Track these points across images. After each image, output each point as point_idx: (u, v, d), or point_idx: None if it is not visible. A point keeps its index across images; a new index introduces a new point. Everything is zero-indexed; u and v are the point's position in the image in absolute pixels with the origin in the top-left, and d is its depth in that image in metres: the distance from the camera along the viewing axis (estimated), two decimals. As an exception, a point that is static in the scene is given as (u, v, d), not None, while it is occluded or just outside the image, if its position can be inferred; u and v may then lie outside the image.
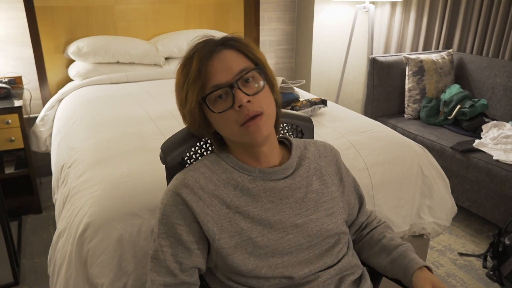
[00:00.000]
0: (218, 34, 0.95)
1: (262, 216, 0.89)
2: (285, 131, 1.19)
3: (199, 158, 1.06)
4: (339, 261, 0.96)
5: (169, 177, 1.04)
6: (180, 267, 0.87)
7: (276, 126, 0.97)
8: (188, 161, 1.05)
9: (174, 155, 1.02)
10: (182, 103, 0.91)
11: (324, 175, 1.00)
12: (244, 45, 0.91)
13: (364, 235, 1.10)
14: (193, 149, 1.06)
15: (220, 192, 0.89)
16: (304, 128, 1.21)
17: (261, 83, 0.89)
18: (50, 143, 2.52)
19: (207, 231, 0.87)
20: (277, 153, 0.97)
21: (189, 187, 0.88)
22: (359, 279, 0.99)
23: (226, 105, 0.86)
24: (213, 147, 1.09)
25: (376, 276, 1.13)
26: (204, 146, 1.08)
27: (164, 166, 1.05)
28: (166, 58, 3.05)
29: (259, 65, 0.91)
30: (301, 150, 1.01)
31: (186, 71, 0.89)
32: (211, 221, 0.87)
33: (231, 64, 0.87)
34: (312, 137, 1.23)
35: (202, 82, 0.87)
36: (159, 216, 0.89)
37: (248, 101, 0.85)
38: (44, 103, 2.78)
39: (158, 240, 0.88)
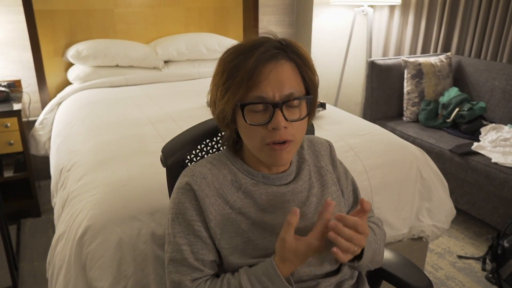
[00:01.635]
0: (277, 36, 0.90)
1: (264, 219, 0.89)
2: None
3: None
4: (339, 268, 0.96)
5: (170, 180, 1.04)
6: (203, 263, 0.87)
7: None
8: (189, 163, 1.05)
9: (175, 158, 1.02)
10: (219, 95, 0.86)
11: (323, 176, 1.00)
12: (304, 63, 0.86)
13: None
14: (194, 151, 1.06)
15: (225, 192, 0.89)
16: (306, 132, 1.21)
17: (305, 112, 0.86)
18: (49, 147, 2.52)
19: (211, 229, 0.87)
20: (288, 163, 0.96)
21: (197, 184, 0.87)
22: (357, 283, 0.99)
23: (261, 120, 0.82)
24: (214, 150, 1.08)
25: (376, 279, 1.13)
26: (205, 149, 1.08)
27: (164, 169, 1.05)
28: (165, 62, 3.06)
29: (310, 94, 0.87)
30: (298, 151, 1.01)
31: (236, 66, 0.82)
32: (213, 220, 0.87)
33: (284, 81, 0.82)
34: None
35: (249, 87, 0.81)
36: (172, 216, 0.88)
37: (285, 127, 0.82)
38: (43, 107, 2.79)
39: (174, 240, 0.87)
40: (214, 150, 1.10)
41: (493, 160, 2.21)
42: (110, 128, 1.94)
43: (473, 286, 1.98)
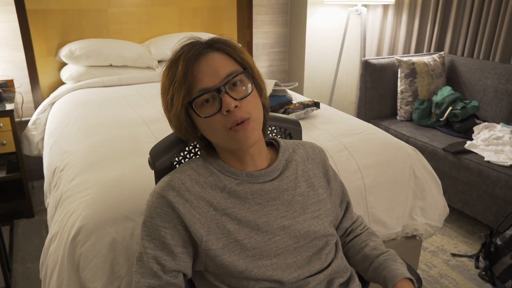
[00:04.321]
0: (206, 36, 0.94)
1: (249, 218, 0.89)
2: (274, 134, 1.19)
3: None
4: (328, 265, 0.96)
5: None
6: (162, 269, 0.86)
7: (264, 129, 0.96)
8: (177, 165, 1.04)
9: (163, 160, 1.01)
10: (168, 106, 0.89)
11: (311, 178, 1.00)
12: (232, 48, 0.89)
13: (347, 242, 1.10)
14: (181, 153, 1.05)
15: (207, 194, 0.89)
16: (293, 131, 1.21)
17: (249, 87, 0.88)
18: (42, 147, 2.50)
19: (194, 233, 0.86)
20: (265, 156, 0.96)
21: (175, 189, 0.87)
22: (347, 281, 1.00)
23: (213, 110, 0.85)
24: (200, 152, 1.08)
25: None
26: (193, 150, 1.07)
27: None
28: (159, 61, 3.05)
29: (247, 69, 0.89)
30: (289, 153, 1.01)
31: (171, 74, 0.87)
32: (198, 223, 0.86)
33: (218, 67, 0.85)
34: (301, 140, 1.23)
35: (188, 85, 0.85)
36: (144, 218, 0.89)
37: (236, 106, 0.84)
38: (36, 107, 2.77)
39: (142, 242, 0.88)
40: (202, 151, 1.09)
41: (485, 159, 2.22)
42: (104, 128, 1.93)
43: (466, 284, 2.00)
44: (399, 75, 2.94)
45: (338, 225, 1.10)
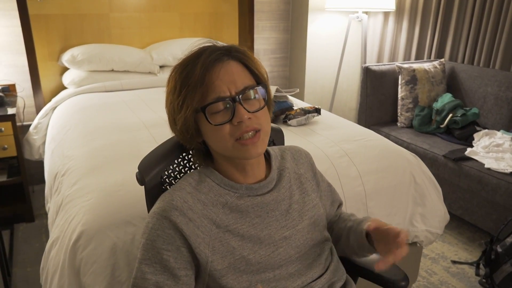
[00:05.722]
0: (220, 43, 0.92)
1: (252, 232, 0.88)
2: None
3: (178, 176, 1.02)
4: (327, 269, 0.97)
5: (149, 199, 0.98)
6: None
7: None
8: (167, 179, 1.00)
9: (153, 175, 0.97)
10: (176, 108, 0.86)
11: (304, 183, 1.00)
12: (250, 59, 0.88)
13: (333, 229, 1.09)
14: (171, 166, 1.01)
15: (209, 212, 0.86)
16: (275, 139, 1.21)
17: (263, 101, 0.87)
18: (43, 151, 2.51)
19: (199, 254, 0.83)
20: (262, 167, 0.95)
21: (178, 209, 0.83)
22: (345, 285, 1.01)
23: (224, 118, 0.83)
24: (191, 163, 1.04)
25: (352, 276, 1.12)
26: (182, 163, 1.03)
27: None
28: (161, 66, 3.06)
29: (263, 83, 0.89)
30: (279, 161, 1.00)
31: (186, 76, 0.84)
32: (202, 243, 0.83)
33: (236, 77, 0.84)
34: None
35: (204, 90, 0.83)
36: (143, 241, 0.84)
37: (249, 118, 0.83)
38: (37, 111, 2.78)
39: (140, 266, 0.82)
40: (191, 163, 1.05)
41: (486, 166, 2.23)
42: (105, 132, 1.94)
43: (466, 291, 1.99)
44: (399, 82, 2.94)
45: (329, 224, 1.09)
